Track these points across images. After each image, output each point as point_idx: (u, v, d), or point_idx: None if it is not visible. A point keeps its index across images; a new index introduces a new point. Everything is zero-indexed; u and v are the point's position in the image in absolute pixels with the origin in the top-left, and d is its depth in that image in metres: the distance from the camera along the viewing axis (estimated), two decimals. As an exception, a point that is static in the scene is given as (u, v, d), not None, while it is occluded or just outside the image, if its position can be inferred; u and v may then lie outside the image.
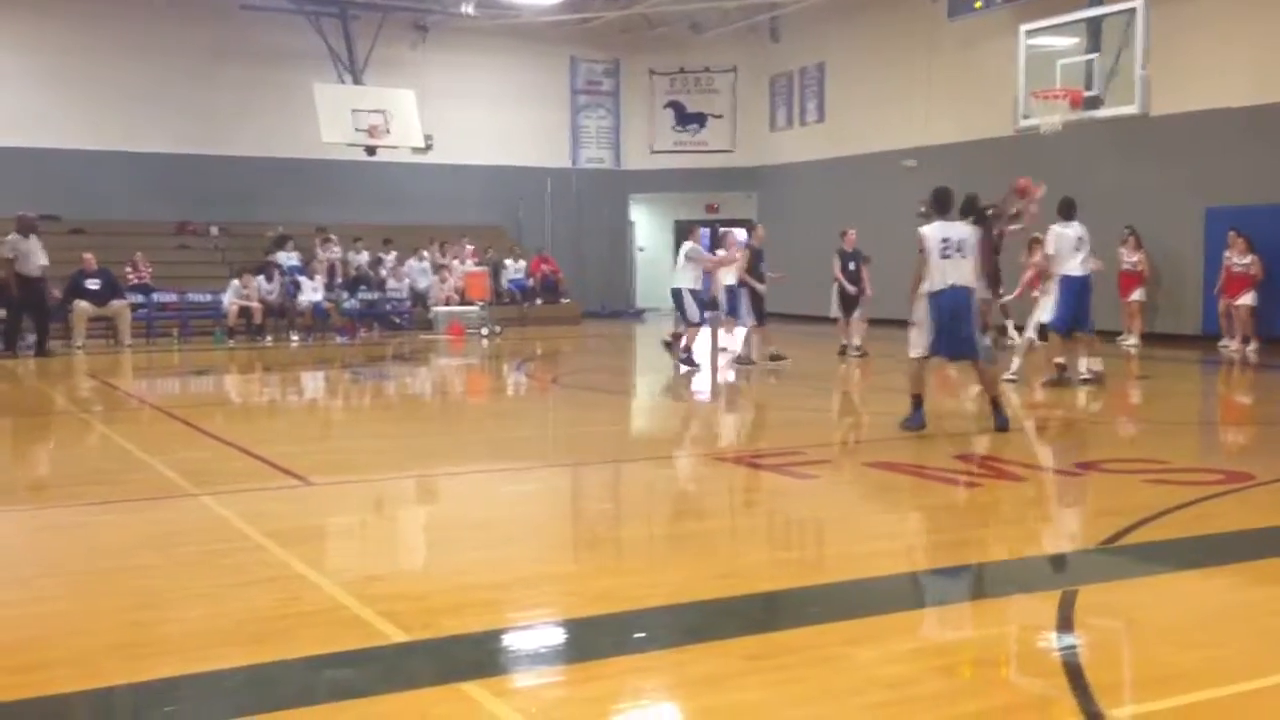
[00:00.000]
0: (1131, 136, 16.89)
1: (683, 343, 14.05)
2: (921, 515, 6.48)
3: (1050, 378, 11.60)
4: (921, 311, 8.70)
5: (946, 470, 7.40)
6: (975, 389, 11.29)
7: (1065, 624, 4.23)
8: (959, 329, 8.64)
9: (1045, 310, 11.73)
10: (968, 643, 4.13)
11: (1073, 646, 4.02)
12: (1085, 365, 11.66)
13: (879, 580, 5.06)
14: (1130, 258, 16.85)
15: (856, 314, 15.28)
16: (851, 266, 15.12)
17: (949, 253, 8.61)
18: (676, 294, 13.90)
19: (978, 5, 18.46)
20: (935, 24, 20.59)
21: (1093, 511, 6.53)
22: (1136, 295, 16.85)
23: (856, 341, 15.21)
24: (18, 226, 16.78)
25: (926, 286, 8.63)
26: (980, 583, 5.03)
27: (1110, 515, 6.00)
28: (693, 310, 13.73)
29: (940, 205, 8.85)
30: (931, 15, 20.75)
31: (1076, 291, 11.38)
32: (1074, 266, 11.38)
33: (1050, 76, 15.97)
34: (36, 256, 16.67)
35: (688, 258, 13.76)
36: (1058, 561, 5.48)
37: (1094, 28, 15.82)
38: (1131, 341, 16.60)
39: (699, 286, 13.86)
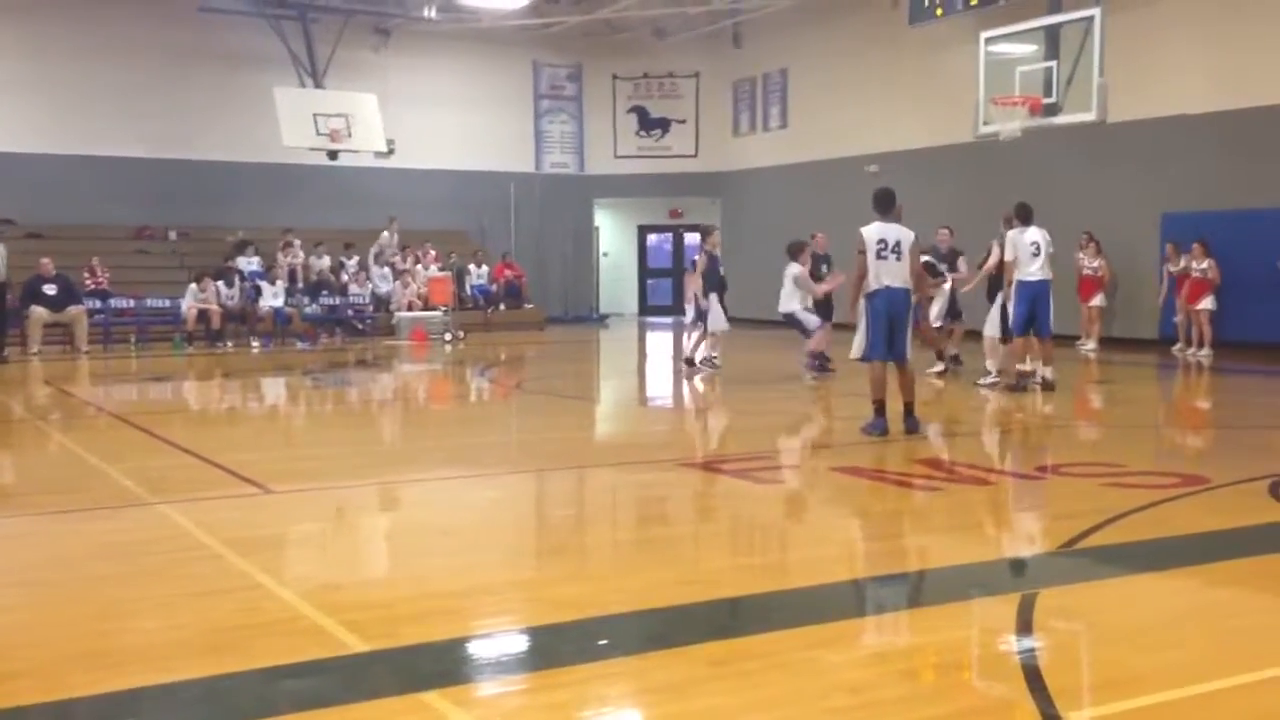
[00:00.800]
0: (1090, 143, 17.09)
1: (809, 347, 13.82)
2: (884, 519, 6.52)
3: (1008, 382, 11.72)
4: (863, 310, 8.78)
5: (909, 474, 7.45)
6: (933, 392, 11.39)
7: (1025, 627, 4.27)
8: (898, 330, 8.75)
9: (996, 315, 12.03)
10: (930, 646, 4.15)
11: (1032, 650, 4.05)
12: (1040, 371, 11.76)
13: (842, 585, 5.09)
14: (1090, 263, 17.05)
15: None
16: (824, 269, 15.09)
17: (884, 254, 8.71)
18: (789, 317, 13.65)
19: (938, 12, 18.62)
20: (897, 30, 20.74)
21: (1052, 515, 6.59)
22: (1096, 300, 17.05)
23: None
24: None
25: (866, 288, 8.74)
26: (942, 586, 5.06)
27: (1069, 518, 6.06)
28: (810, 320, 13.51)
29: (881, 206, 8.91)
30: (893, 21, 20.90)
31: (1031, 297, 11.46)
32: (1031, 272, 11.47)
33: (1010, 83, 16.15)
34: None
35: (795, 283, 13.51)
36: (1018, 564, 5.53)
37: (1053, 35, 16.00)
38: (1090, 346, 16.78)
39: (809, 304, 13.64)
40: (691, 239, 29.26)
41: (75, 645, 4.11)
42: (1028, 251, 11.47)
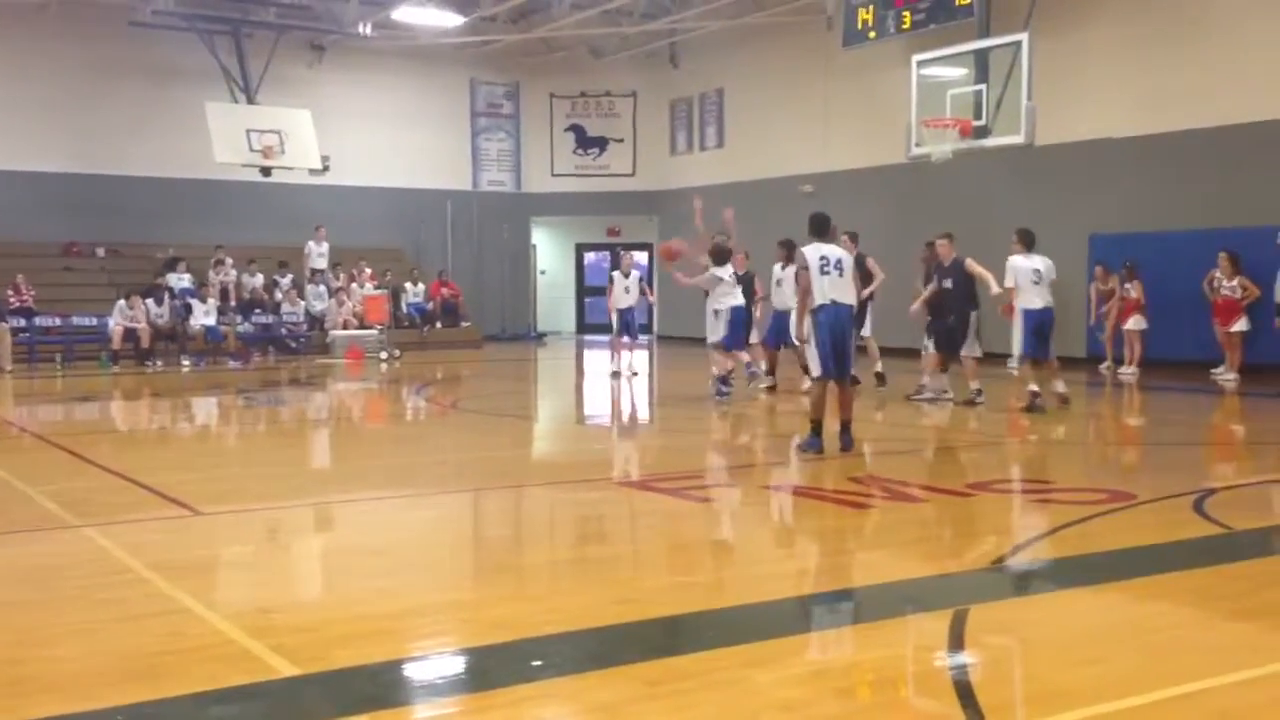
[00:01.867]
0: (1019, 165, 17.41)
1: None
2: (817, 537, 6.55)
3: (1027, 404, 11.66)
4: (809, 330, 8.86)
5: (842, 492, 7.49)
6: (878, 408, 11.50)
7: (957, 643, 4.30)
8: (843, 346, 8.90)
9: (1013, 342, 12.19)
10: (864, 664, 4.17)
11: (964, 665, 4.09)
12: (1058, 388, 11.96)
13: (776, 603, 5.09)
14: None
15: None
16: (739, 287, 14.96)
17: (828, 269, 8.89)
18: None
19: (871, 35, 18.86)
20: (831, 52, 20.99)
21: (983, 531, 6.67)
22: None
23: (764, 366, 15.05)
24: None
25: (811, 303, 8.82)
26: (875, 604, 5.09)
27: (999, 534, 6.13)
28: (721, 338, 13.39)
29: (818, 229, 9.19)
30: (827, 44, 21.16)
31: (1036, 326, 11.62)
32: (1032, 300, 11.59)
33: (941, 105, 16.40)
34: None
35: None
36: (950, 581, 5.57)
37: (982, 59, 16.28)
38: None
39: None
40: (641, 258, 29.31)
41: (-8, 673, 3.98)
42: (1028, 279, 11.57)
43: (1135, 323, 15.96)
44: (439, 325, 23.84)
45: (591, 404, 14.56)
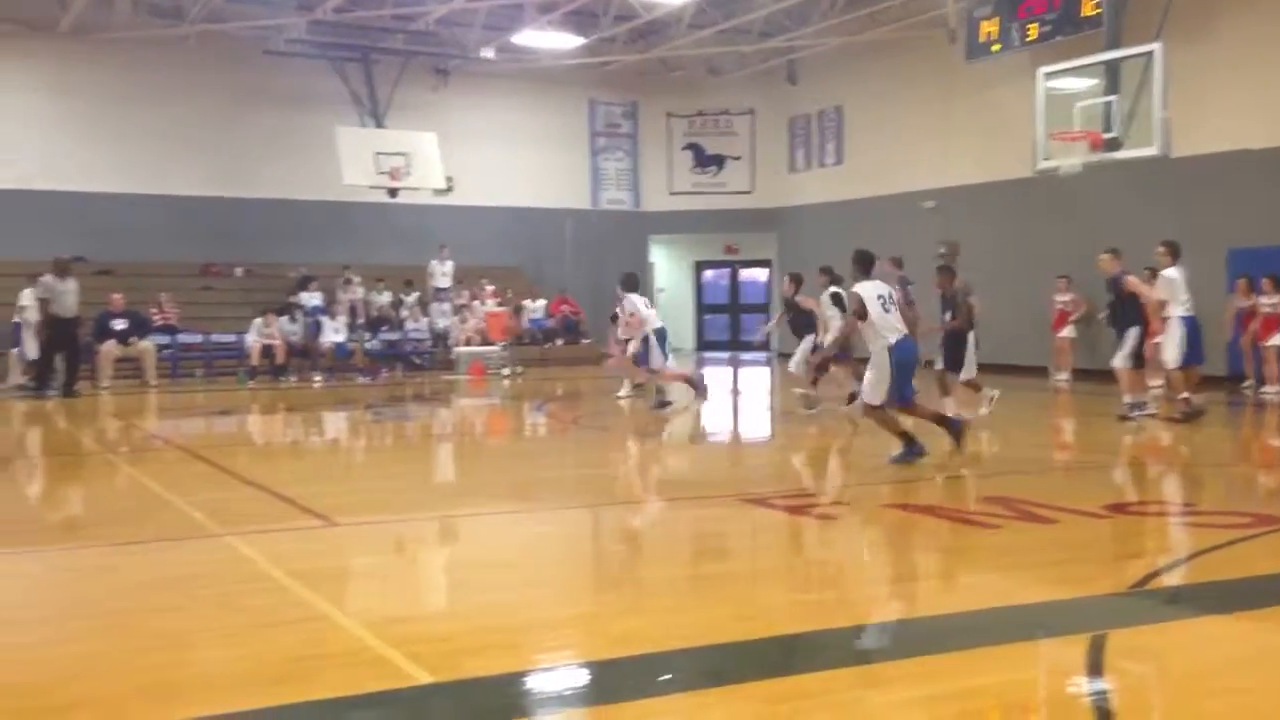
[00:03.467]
0: (1152, 178, 16.89)
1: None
2: (943, 557, 6.45)
3: (1182, 411, 11.93)
4: (883, 361, 9.03)
5: (969, 512, 7.37)
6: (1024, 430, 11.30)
7: (1094, 669, 4.19)
8: (909, 377, 9.14)
9: (1164, 349, 12.35)
10: (991, 688, 4.08)
11: (1103, 692, 3.98)
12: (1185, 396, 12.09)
13: (898, 624, 5.04)
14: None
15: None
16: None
17: (888, 307, 9.13)
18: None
19: (995, 48, 18.56)
20: (953, 66, 20.70)
21: (1120, 554, 6.48)
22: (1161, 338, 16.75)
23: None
24: (54, 269, 16.92)
25: (883, 341, 9.02)
26: (1003, 627, 4.97)
27: (1139, 558, 5.96)
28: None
29: (863, 266, 9.46)
30: (949, 58, 20.87)
31: (1192, 331, 12.05)
32: (1186, 309, 11.98)
33: (1069, 118, 16.03)
34: (71, 298, 16.83)
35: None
36: (1086, 605, 5.43)
37: (1113, 70, 15.88)
38: (1157, 384, 16.47)
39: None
40: (746, 275, 29.28)
41: (137, 677, 4.16)
42: (1184, 288, 11.97)
43: (1277, 339, 15.35)
44: (559, 342, 24.13)
45: (709, 421, 14.56)
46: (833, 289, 13.36)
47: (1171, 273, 12.03)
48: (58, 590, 5.68)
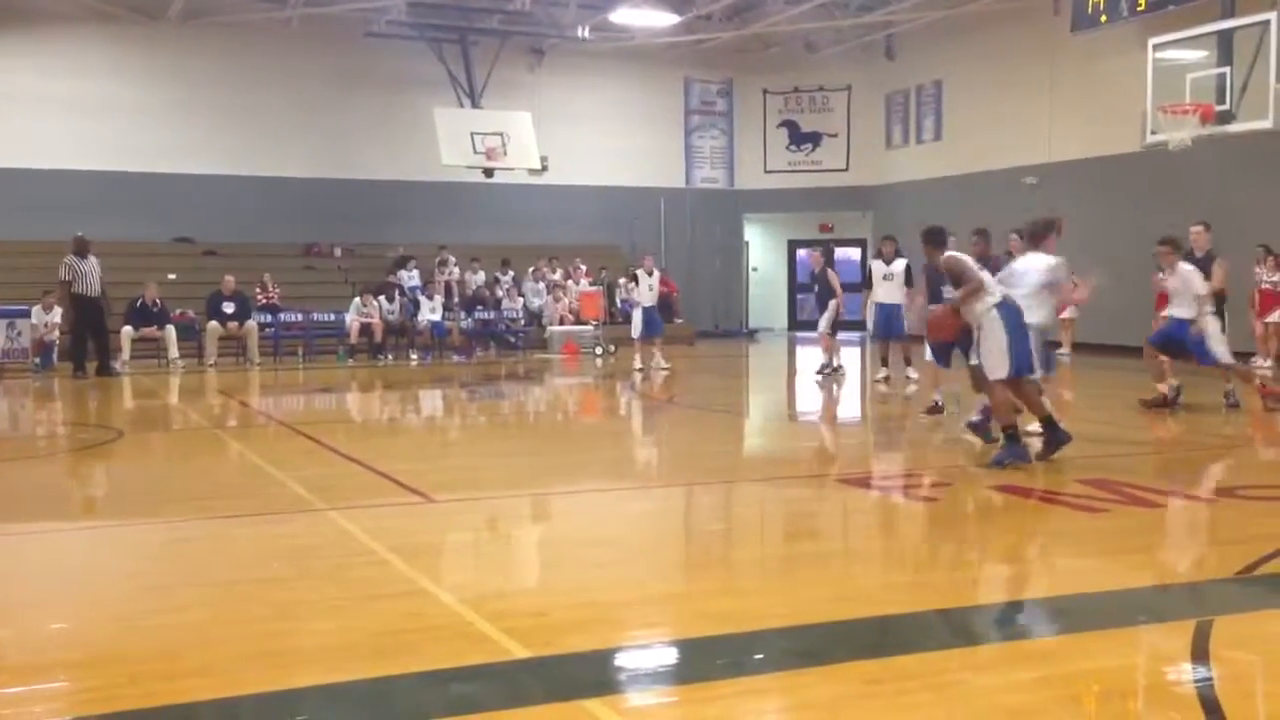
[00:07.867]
0: (1267, 152, 16.29)
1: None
2: (1047, 541, 6.35)
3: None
4: (994, 326, 8.11)
5: (1073, 495, 7.22)
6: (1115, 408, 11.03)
7: (1200, 655, 4.10)
8: (1025, 337, 8.27)
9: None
10: (1095, 672, 4.01)
11: (1208, 679, 3.89)
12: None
13: (1000, 606, 4.97)
14: (1271, 277, 16.22)
15: None
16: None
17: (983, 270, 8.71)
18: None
19: (1103, 19, 18.02)
20: (1058, 38, 20.16)
21: (1227, 539, 6.31)
22: (1274, 317, 16.22)
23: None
24: (74, 248, 16.73)
25: (990, 300, 8.15)
26: (1106, 611, 4.88)
27: (1246, 543, 5.79)
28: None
29: (936, 241, 9.12)
30: (1054, 29, 20.34)
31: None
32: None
33: (1179, 90, 15.54)
34: (94, 277, 16.69)
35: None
36: (1191, 590, 5.31)
37: (1225, 40, 15.34)
38: (1267, 365, 15.95)
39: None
40: (842, 253, 28.93)
41: (249, 645, 4.30)
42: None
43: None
44: (654, 321, 24.10)
45: (804, 400, 14.49)
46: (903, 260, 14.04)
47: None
48: (171, 560, 5.88)
